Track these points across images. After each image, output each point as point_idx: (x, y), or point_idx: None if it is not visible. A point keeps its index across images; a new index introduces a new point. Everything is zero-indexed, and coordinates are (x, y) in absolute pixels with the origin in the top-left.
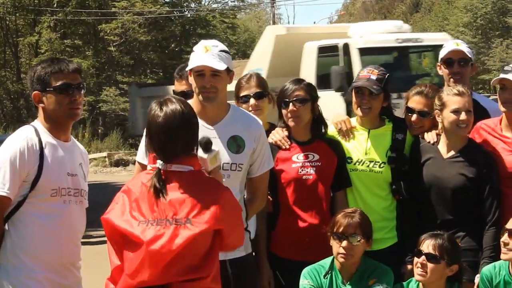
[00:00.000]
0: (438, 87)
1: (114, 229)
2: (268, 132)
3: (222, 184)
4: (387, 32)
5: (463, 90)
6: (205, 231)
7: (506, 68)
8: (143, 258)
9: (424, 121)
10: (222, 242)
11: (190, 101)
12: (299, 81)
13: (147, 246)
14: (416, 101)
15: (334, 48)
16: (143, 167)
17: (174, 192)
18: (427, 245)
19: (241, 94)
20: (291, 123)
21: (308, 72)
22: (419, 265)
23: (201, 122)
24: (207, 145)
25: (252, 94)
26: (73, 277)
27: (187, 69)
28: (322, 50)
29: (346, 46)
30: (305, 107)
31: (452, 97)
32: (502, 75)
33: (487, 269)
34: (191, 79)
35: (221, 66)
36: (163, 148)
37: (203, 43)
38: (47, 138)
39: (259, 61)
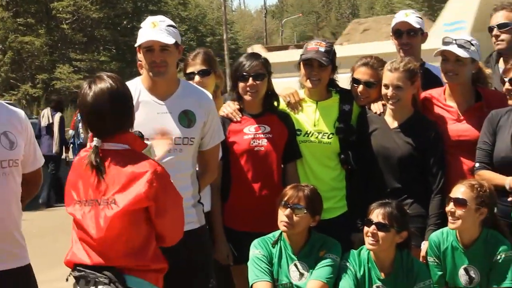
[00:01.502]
0: None
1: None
2: None
3: (157, 164)
4: None
5: (396, 66)
6: (128, 209)
7: (446, 39)
8: (78, 238)
9: (370, 91)
10: (156, 229)
11: (140, 78)
12: (256, 56)
13: (83, 227)
14: (362, 72)
15: None
16: None
17: (107, 171)
18: (377, 214)
19: (187, 71)
20: (248, 97)
21: None
22: (369, 234)
23: (152, 98)
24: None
25: (196, 72)
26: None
27: (136, 45)
28: None
29: None
30: (263, 82)
31: (385, 72)
32: (443, 47)
33: (435, 235)
34: (141, 56)
35: (169, 40)
36: (94, 127)
37: (150, 19)
38: None
39: (461, 12)
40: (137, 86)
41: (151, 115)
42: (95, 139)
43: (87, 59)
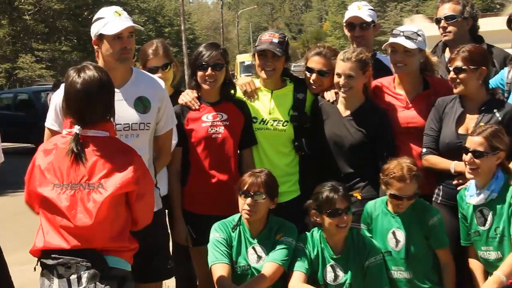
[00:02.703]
0: None
1: (34, 194)
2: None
3: (135, 150)
4: None
5: (349, 56)
6: (116, 193)
7: (394, 32)
8: (52, 223)
9: (323, 80)
10: (132, 213)
11: None
12: (216, 46)
13: (63, 212)
14: (315, 61)
15: None
16: (53, 132)
17: (90, 157)
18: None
19: (150, 66)
20: (206, 86)
21: None
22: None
23: None
24: None
25: (160, 66)
26: None
27: (109, 33)
28: None
29: None
30: (221, 71)
31: (338, 62)
32: (391, 39)
33: (368, 205)
34: (105, 45)
35: (138, 27)
36: (81, 114)
37: (112, 9)
38: None
39: None
40: None
41: None
42: (76, 126)
43: (49, 49)
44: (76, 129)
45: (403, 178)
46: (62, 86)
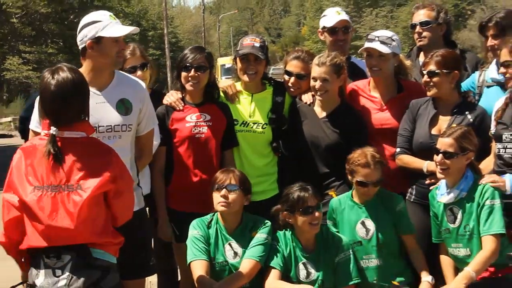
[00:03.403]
0: None
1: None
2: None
3: (112, 149)
4: None
5: (323, 60)
6: (94, 194)
7: (370, 37)
8: (40, 225)
9: (301, 83)
10: (111, 210)
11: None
12: (201, 50)
13: (44, 214)
14: (293, 65)
15: None
16: (37, 134)
17: (68, 158)
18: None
19: (129, 66)
20: (189, 87)
21: None
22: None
23: (91, 90)
24: None
25: (138, 66)
26: None
27: (112, 35)
28: None
29: None
30: (204, 73)
31: (313, 66)
32: (367, 44)
33: (332, 201)
34: (103, 47)
35: (136, 31)
36: (56, 115)
37: (106, 13)
38: None
39: None
40: None
41: (91, 106)
42: (52, 127)
43: (35, 51)
44: (53, 130)
45: (367, 164)
46: None
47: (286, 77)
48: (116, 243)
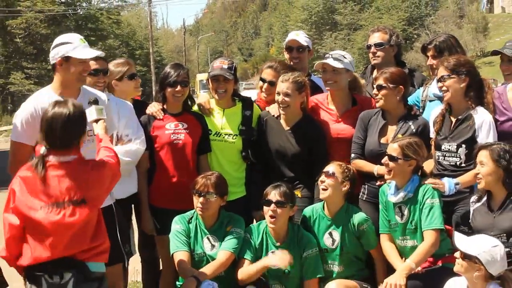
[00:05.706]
0: None
1: (20, 215)
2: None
3: (104, 161)
4: None
5: (287, 78)
6: (97, 206)
7: (326, 55)
8: (48, 237)
9: (272, 89)
10: None
11: (50, 87)
12: (181, 67)
13: (52, 228)
14: (267, 73)
15: None
16: (21, 145)
17: (64, 179)
18: (274, 194)
19: (132, 72)
20: (175, 100)
21: None
22: (270, 213)
23: None
24: (95, 102)
25: (136, 73)
26: None
27: (84, 57)
28: None
29: None
30: (187, 87)
31: (278, 83)
32: (322, 61)
33: (306, 210)
34: (70, 66)
35: (101, 54)
36: (48, 141)
37: (77, 36)
38: None
39: None
40: (50, 96)
41: None
42: (42, 148)
43: (37, 67)
44: (42, 150)
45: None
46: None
47: (261, 83)
48: (105, 247)
